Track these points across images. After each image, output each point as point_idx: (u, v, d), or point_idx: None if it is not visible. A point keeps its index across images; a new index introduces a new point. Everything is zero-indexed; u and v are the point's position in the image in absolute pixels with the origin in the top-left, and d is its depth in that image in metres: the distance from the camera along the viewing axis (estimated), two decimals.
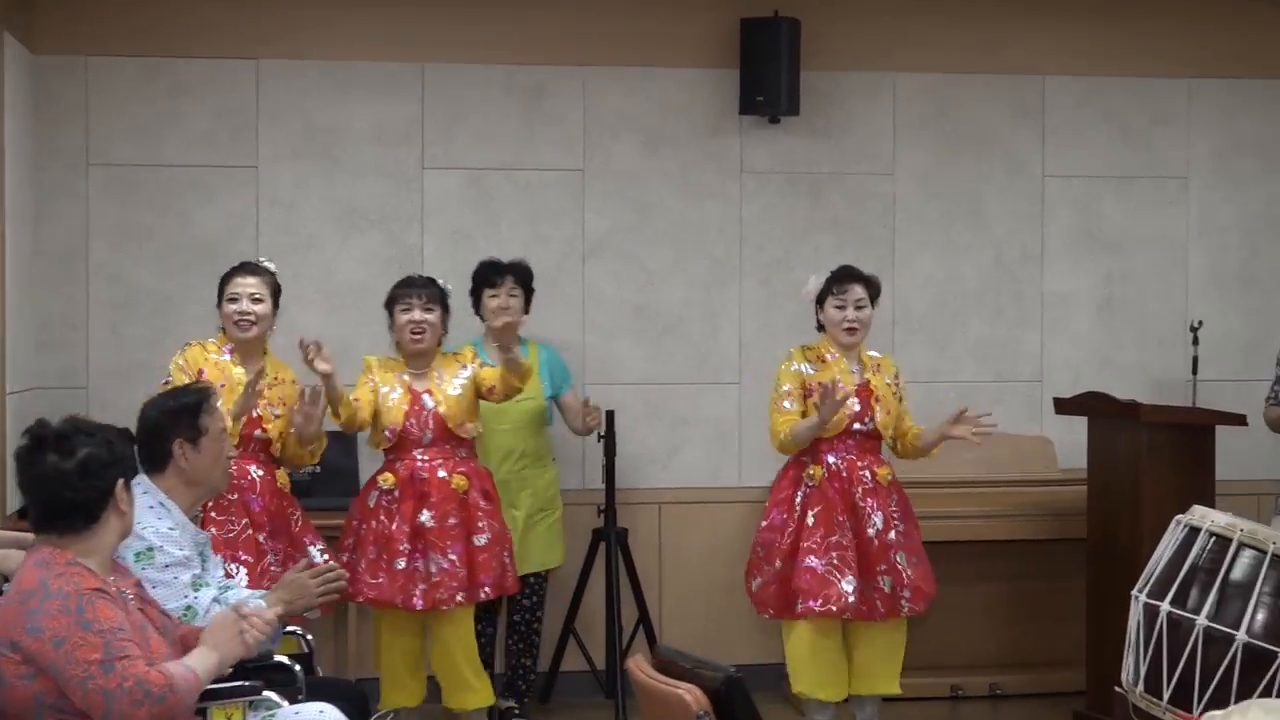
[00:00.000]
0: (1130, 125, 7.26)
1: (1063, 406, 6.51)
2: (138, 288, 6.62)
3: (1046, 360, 7.23)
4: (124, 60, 6.63)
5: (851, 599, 5.53)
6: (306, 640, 4.75)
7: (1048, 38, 7.17)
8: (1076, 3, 7.14)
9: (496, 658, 6.39)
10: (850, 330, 5.71)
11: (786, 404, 5.68)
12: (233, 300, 5.47)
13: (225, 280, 5.53)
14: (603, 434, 6.51)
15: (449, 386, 5.67)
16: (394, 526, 5.56)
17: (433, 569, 5.54)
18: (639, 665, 3.53)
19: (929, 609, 5.79)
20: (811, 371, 5.70)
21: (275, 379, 5.51)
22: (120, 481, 3.69)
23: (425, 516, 5.56)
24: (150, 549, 4.16)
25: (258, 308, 5.46)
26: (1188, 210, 7.26)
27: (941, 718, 6.59)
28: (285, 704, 3.93)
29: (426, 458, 5.63)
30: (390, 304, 5.78)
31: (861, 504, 5.62)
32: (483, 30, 6.82)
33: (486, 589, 5.66)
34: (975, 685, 6.77)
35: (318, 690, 4.33)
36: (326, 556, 5.38)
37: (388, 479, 5.63)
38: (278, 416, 5.46)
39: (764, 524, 5.76)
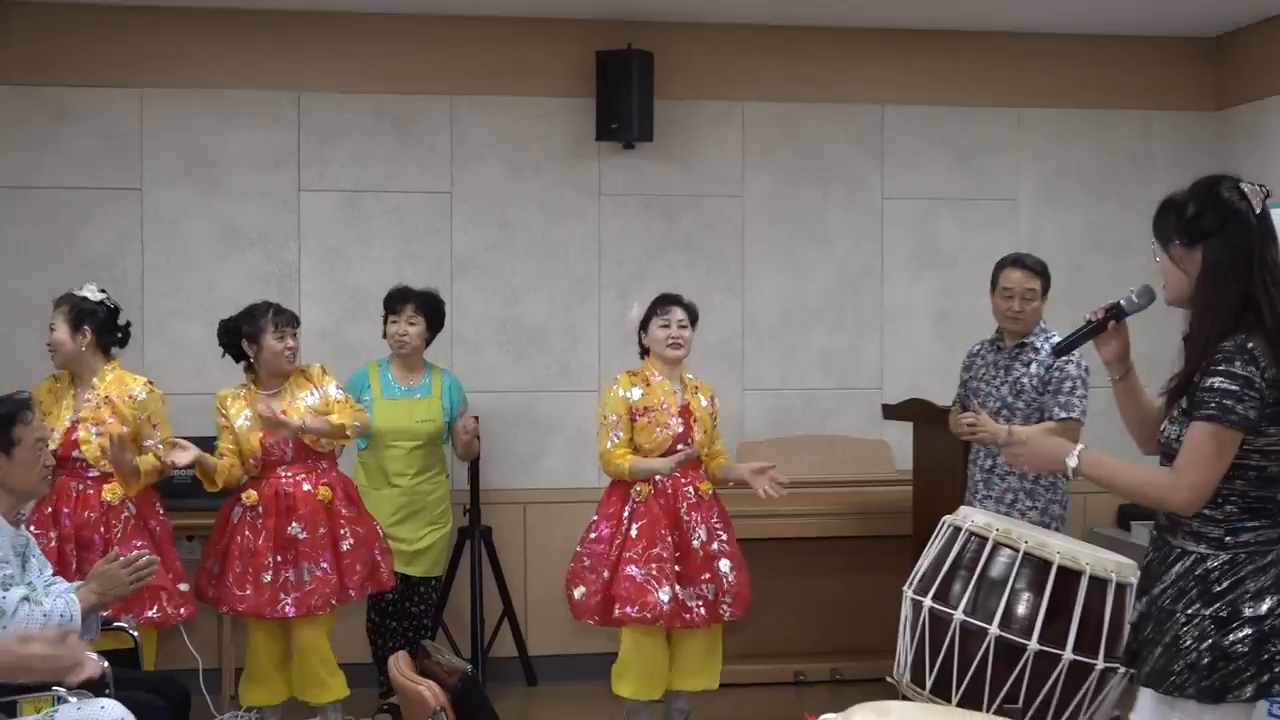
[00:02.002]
0: (964, 151, 7.29)
1: (890, 413, 6.58)
2: (24, 302, 6.54)
3: (886, 369, 7.26)
4: (8, 89, 6.59)
5: (666, 608, 5.47)
6: (134, 635, 4.71)
7: (887, 70, 7.19)
8: (914, 37, 7.17)
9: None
10: (674, 345, 5.63)
11: (617, 435, 5.61)
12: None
13: None
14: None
15: (302, 405, 5.58)
16: (259, 541, 5.49)
17: (306, 577, 5.49)
18: (395, 663, 3.52)
19: (746, 614, 5.73)
20: (638, 396, 5.64)
21: (105, 398, 5.34)
22: None
23: (296, 529, 5.50)
24: None
25: (52, 337, 5.37)
26: (1017, 230, 7.29)
27: (786, 702, 6.58)
28: (72, 699, 3.88)
29: (290, 474, 5.56)
30: (256, 330, 5.58)
31: (686, 518, 5.57)
32: (355, 62, 6.82)
33: (352, 591, 5.62)
34: (817, 671, 6.78)
35: (135, 686, 4.26)
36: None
37: (251, 496, 5.53)
38: (99, 435, 5.27)
39: (592, 536, 5.67)
